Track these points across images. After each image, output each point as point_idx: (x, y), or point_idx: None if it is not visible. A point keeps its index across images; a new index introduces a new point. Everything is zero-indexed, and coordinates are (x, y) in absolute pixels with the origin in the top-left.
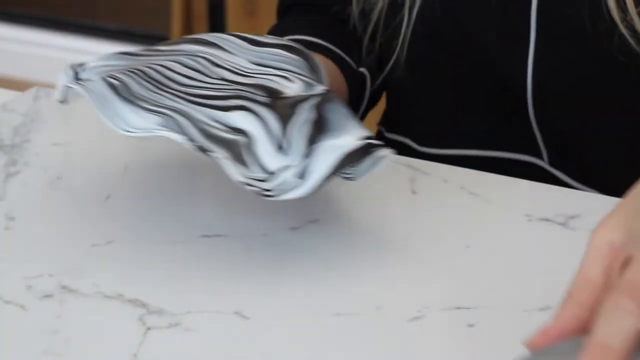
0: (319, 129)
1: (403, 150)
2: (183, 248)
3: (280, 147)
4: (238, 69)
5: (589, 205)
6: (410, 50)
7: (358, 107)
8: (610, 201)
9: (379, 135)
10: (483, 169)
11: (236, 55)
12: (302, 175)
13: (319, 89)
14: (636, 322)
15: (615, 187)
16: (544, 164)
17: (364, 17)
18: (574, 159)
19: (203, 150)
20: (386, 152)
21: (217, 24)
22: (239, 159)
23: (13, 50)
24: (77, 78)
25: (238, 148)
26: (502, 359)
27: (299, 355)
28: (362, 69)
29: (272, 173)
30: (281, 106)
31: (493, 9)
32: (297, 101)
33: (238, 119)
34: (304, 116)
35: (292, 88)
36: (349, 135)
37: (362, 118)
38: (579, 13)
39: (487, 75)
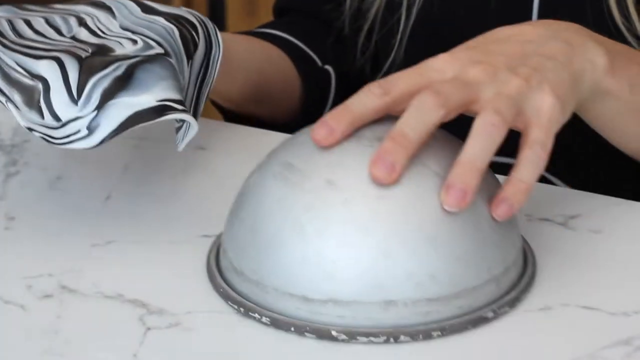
0: (122, 86)
1: None
2: (183, 248)
3: (75, 99)
4: (100, 32)
5: (589, 205)
6: (407, 49)
7: (322, 102)
8: (610, 201)
9: None
10: None
11: (116, 19)
12: (91, 128)
13: (152, 51)
14: (435, 117)
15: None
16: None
17: (359, 15)
18: (572, 164)
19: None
20: (184, 117)
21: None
22: (33, 104)
23: None
24: None
25: (34, 94)
26: (502, 358)
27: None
28: (327, 67)
29: (63, 123)
30: (95, 61)
31: (492, 10)
32: (115, 59)
33: (42, 66)
34: (107, 71)
35: (127, 49)
36: (149, 95)
37: None
38: (580, 17)
39: None
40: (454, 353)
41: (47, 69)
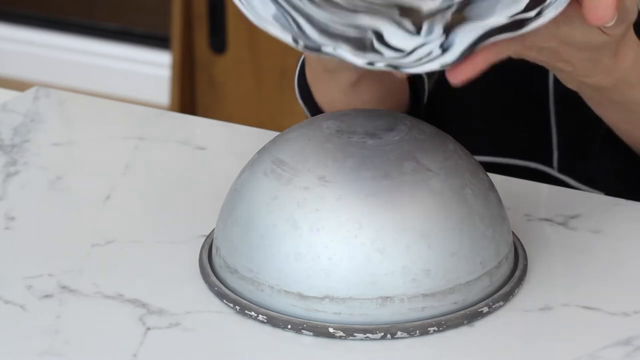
0: (462, 19)
1: None
2: (183, 248)
3: (414, 32)
4: None
5: (589, 205)
6: None
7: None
8: (610, 201)
9: None
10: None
11: None
12: (445, 47)
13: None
14: None
15: (619, 190)
16: (551, 170)
17: None
18: (584, 162)
19: (313, 48)
20: (549, 17)
21: (217, 24)
22: (367, 49)
23: (13, 50)
24: None
25: (364, 41)
26: (502, 359)
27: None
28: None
29: (408, 52)
30: (415, 13)
31: None
32: (434, 12)
33: (366, 19)
34: (437, 16)
35: (431, 3)
36: (496, 17)
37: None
38: None
39: (511, 83)
40: (450, 348)
41: (371, 19)
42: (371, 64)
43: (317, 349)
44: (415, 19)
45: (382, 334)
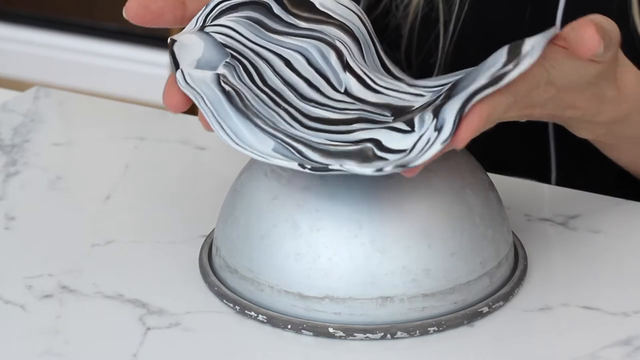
0: (447, 100)
1: None
2: (183, 248)
3: (409, 130)
4: (368, 80)
5: (589, 205)
6: (446, 67)
7: None
8: (610, 201)
9: None
10: None
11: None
12: (438, 127)
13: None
14: None
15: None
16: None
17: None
18: (582, 181)
19: (320, 169)
20: (522, 69)
21: None
22: (370, 159)
23: (13, 50)
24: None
25: (366, 153)
26: (502, 359)
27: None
28: None
29: (409, 149)
30: (405, 115)
31: (524, 27)
32: (424, 107)
33: (360, 134)
34: (424, 108)
35: (420, 102)
36: (476, 84)
37: None
38: None
39: None
40: (450, 348)
41: (365, 133)
42: (380, 170)
43: (317, 349)
44: (407, 119)
45: (382, 334)
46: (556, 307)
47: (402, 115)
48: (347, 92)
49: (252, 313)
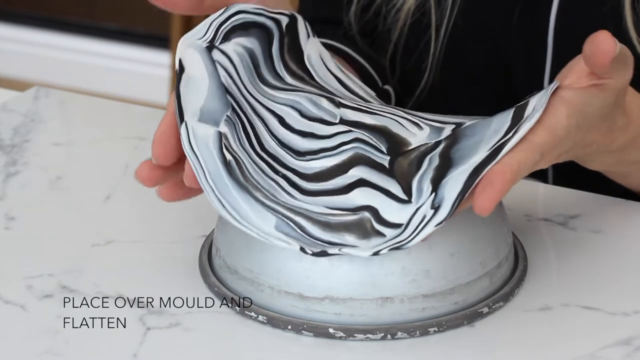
0: (446, 169)
1: None
2: (183, 248)
3: (406, 200)
4: (363, 107)
5: (589, 205)
6: (436, 73)
7: None
8: (610, 201)
9: None
10: None
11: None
12: (435, 205)
13: (446, 132)
14: None
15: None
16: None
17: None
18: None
19: (322, 254)
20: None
21: None
22: (369, 233)
23: (13, 50)
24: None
25: (364, 225)
26: (502, 359)
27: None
28: (386, 87)
29: (405, 225)
30: (404, 165)
31: (513, 30)
32: (423, 154)
33: (358, 198)
34: (424, 168)
35: (418, 136)
36: (477, 155)
37: None
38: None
39: (508, 97)
40: (450, 348)
41: (363, 196)
42: (376, 253)
43: (317, 349)
44: (403, 182)
45: (382, 334)
46: (556, 307)
47: (398, 153)
48: (342, 121)
49: (252, 313)
